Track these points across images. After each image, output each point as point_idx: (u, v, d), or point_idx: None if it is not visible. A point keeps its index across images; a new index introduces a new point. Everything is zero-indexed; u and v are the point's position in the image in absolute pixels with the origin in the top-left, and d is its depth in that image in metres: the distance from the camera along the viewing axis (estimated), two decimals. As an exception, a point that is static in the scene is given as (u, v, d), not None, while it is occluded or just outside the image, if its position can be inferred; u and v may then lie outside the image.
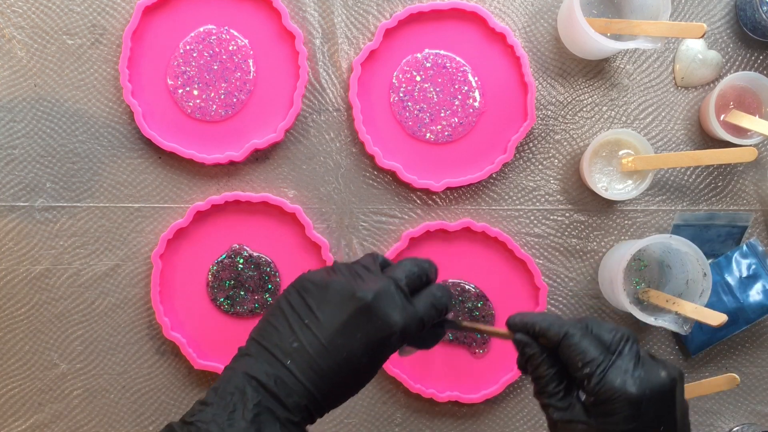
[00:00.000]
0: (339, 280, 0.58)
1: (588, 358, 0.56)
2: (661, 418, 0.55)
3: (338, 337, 0.56)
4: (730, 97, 0.88)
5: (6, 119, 0.88)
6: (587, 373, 0.55)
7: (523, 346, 0.59)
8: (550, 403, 0.57)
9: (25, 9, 0.88)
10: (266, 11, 0.88)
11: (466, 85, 0.89)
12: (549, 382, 0.57)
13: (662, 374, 0.56)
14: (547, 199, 0.90)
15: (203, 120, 0.88)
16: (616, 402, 0.54)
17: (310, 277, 0.59)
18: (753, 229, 0.91)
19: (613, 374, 0.55)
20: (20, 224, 0.88)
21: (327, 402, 0.57)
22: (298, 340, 0.57)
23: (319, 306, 0.58)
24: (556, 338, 0.57)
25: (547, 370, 0.58)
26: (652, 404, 0.55)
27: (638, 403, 0.54)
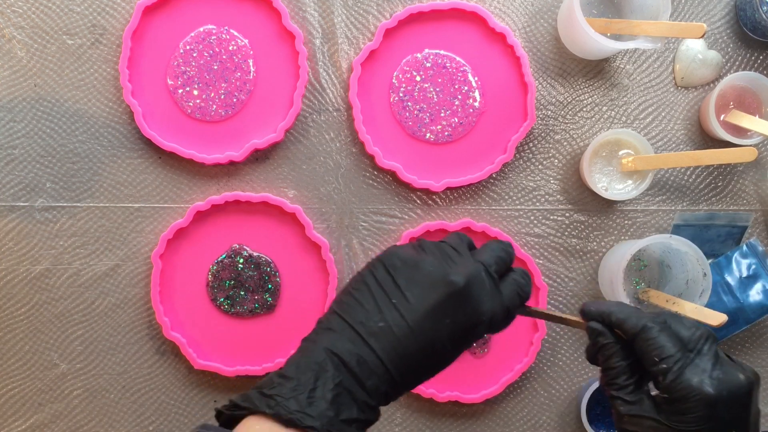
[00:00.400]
0: (430, 261, 0.56)
1: (665, 354, 0.54)
2: (734, 422, 0.54)
3: (426, 321, 0.54)
4: (730, 97, 0.88)
5: (6, 119, 0.88)
6: (663, 369, 0.54)
7: (597, 335, 0.57)
8: (619, 395, 0.55)
9: (25, 9, 0.88)
10: (266, 11, 0.88)
11: (466, 85, 0.89)
12: (620, 374, 0.56)
13: (740, 377, 0.54)
14: (547, 199, 0.90)
15: (203, 120, 0.88)
16: (690, 401, 0.53)
17: (400, 254, 0.57)
18: (753, 229, 0.91)
19: (691, 372, 0.53)
20: (20, 224, 0.88)
21: (404, 385, 0.56)
22: (384, 319, 0.54)
23: (408, 286, 0.55)
24: (633, 330, 0.56)
25: (619, 362, 0.56)
26: (728, 406, 0.53)
27: (714, 404, 0.52)
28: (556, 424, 0.90)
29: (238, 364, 0.88)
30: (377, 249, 0.89)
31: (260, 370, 0.87)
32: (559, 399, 0.90)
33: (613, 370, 0.56)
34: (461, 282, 0.55)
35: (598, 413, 0.88)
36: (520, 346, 0.89)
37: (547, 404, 0.90)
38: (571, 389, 0.91)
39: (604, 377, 0.57)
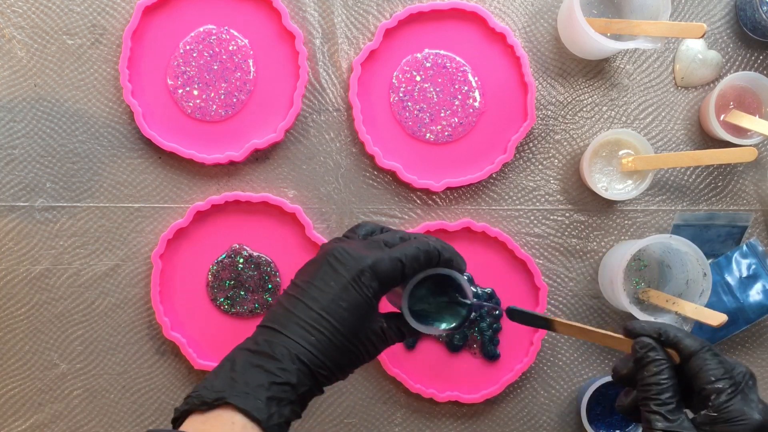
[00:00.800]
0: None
1: (721, 376, 0.56)
2: None
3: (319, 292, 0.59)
4: (730, 97, 0.88)
5: (6, 119, 0.88)
6: (719, 389, 0.56)
7: (649, 349, 0.58)
8: (661, 411, 0.56)
9: (25, 9, 0.88)
10: (266, 11, 0.88)
11: (466, 85, 0.89)
12: (665, 390, 0.56)
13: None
14: (547, 199, 0.90)
15: (203, 120, 0.88)
16: (738, 423, 0.55)
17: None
18: (753, 229, 0.91)
19: (741, 397, 0.56)
20: (20, 224, 0.88)
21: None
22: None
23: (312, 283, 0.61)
24: (690, 350, 0.57)
25: (667, 379, 0.57)
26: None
27: (759, 430, 0.55)
28: (556, 424, 0.90)
29: (238, 364, 0.88)
30: (377, 249, 0.89)
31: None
32: (559, 399, 0.90)
33: (659, 386, 0.57)
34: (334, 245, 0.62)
35: (598, 413, 0.88)
36: (520, 346, 0.89)
37: (547, 404, 0.90)
38: (571, 389, 0.91)
39: (645, 393, 0.58)
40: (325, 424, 0.89)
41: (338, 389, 0.89)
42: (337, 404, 0.89)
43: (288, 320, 0.59)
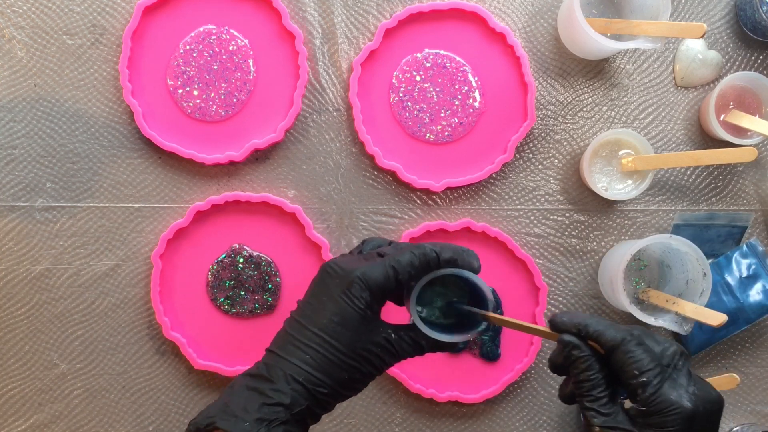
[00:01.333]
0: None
1: (644, 368, 0.55)
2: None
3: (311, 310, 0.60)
4: (730, 97, 0.88)
5: (6, 119, 0.88)
6: (643, 382, 0.54)
7: (572, 347, 0.57)
8: (594, 407, 0.55)
9: (25, 9, 0.88)
10: (266, 11, 0.88)
11: (466, 85, 0.89)
12: (595, 386, 0.56)
13: (713, 393, 0.56)
14: (547, 199, 0.90)
15: (203, 120, 0.88)
16: (669, 414, 0.53)
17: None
18: (753, 229, 0.91)
19: (669, 386, 0.54)
20: (20, 224, 0.88)
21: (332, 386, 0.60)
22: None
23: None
24: (612, 343, 0.56)
25: (595, 375, 0.56)
26: (702, 422, 0.54)
27: (692, 418, 0.53)
28: (556, 424, 0.90)
29: (238, 364, 0.88)
30: (377, 249, 0.89)
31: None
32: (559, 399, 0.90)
33: (589, 383, 0.56)
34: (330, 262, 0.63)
35: (598, 413, 0.88)
36: (520, 346, 0.89)
37: (547, 404, 0.90)
38: (571, 389, 0.90)
39: (577, 390, 0.57)
40: (325, 424, 0.89)
41: (338, 389, 0.89)
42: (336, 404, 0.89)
43: (286, 342, 0.59)
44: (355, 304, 0.58)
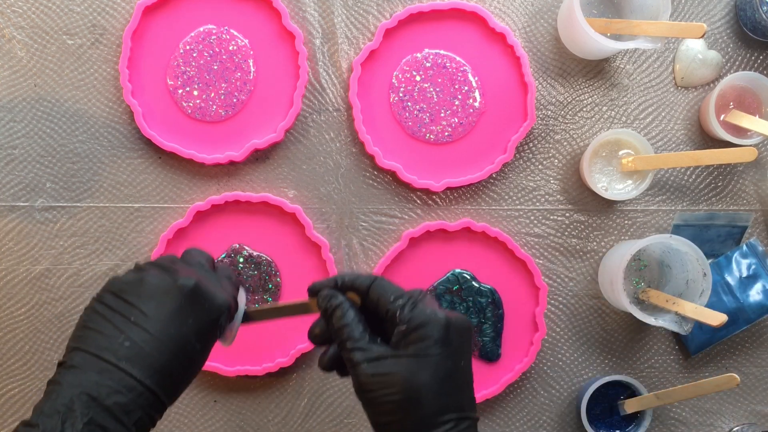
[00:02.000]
0: (153, 274, 0.57)
1: (399, 293, 0.59)
2: (464, 352, 0.58)
3: (170, 328, 0.55)
4: (730, 97, 0.88)
5: (6, 119, 0.88)
6: (401, 304, 0.58)
7: (330, 298, 0.60)
8: (356, 346, 0.57)
9: (25, 9, 0.88)
10: (266, 11, 0.88)
11: (466, 85, 0.89)
12: (354, 327, 0.58)
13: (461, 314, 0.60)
14: (547, 199, 0.90)
15: (203, 120, 0.88)
16: (427, 326, 0.56)
17: (121, 278, 0.58)
18: (753, 229, 0.91)
19: (423, 305, 0.58)
20: (20, 224, 0.88)
21: (168, 398, 0.56)
22: (129, 339, 0.54)
23: (141, 301, 0.56)
24: (367, 282, 0.60)
25: (353, 317, 0.59)
26: (457, 334, 0.58)
27: (447, 327, 0.57)
28: (556, 424, 0.90)
29: (238, 364, 0.88)
30: (377, 249, 0.89)
31: (260, 370, 0.87)
32: (559, 399, 0.90)
33: (348, 327, 0.58)
34: (191, 283, 0.57)
35: (598, 413, 0.88)
36: (520, 346, 0.89)
37: (547, 404, 0.90)
38: (571, 389, 0.91)
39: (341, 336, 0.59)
40: (325, 424, 0.89)
41: (338, 389, 0.89)
42: (337, 404, 0.89)
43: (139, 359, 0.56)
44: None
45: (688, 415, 0.91)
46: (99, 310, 0.56)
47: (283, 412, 0.89)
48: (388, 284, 0.60)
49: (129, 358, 0.54)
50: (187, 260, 0.62)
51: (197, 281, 0.57)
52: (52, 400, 0.53)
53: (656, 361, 0.91)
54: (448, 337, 0.57)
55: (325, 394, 0.89)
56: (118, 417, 0.53)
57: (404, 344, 0.57)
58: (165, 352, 0.55)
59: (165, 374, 0.55)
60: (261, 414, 0.89)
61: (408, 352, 0.56)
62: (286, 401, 0.89)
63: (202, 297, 0.57)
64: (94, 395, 0.52)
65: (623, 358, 0.90)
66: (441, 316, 0.57)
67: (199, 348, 0.57)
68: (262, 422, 0.89)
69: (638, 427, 0.87)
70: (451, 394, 0.57)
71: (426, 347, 0.56)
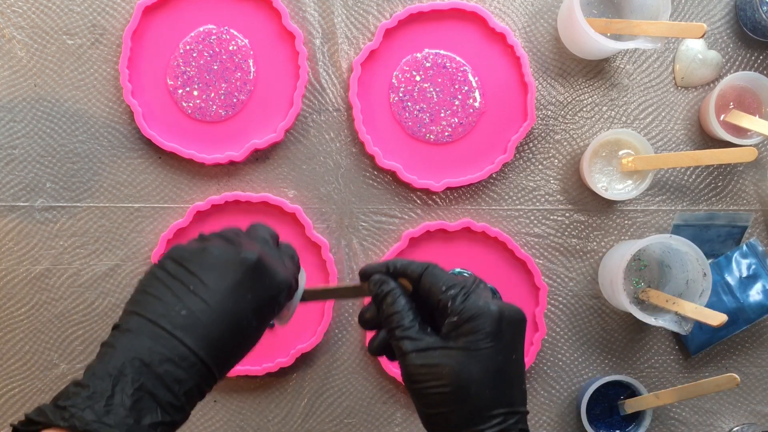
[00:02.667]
0: (217, 245, 0.56)
1: (451, 283, 0.58)
2: (516, 346, 0.58)
3: (229, 301, 0.54)
4: (730, 97, 0.88)
5: (6, 119, 0.88)
6: (452, 294, 0.57)
7: (381, 284, 0.59)
8: (405, 335, 0.57)
9: (25, 9, 0.88)
10: (266, 11, 0.88)
11: (466, 85, 0.89)
12: (405, 315, 0.57)
13: (516, 306, 0.59)
14: (547, 199, 0.90)
15: (203, 120, 0.88)
16: (479, 318, 0.56)
17: (185, 246, 0.57)
18: (753, 229, 0.91)
19: (475, 296, 0.57)
20: (20, 224, 0.88)
21: (220, 371, 0.55)
22: (186, 307, 0.53)
23: (202, 271, 0.54)
24: (419, 270, 0.59)
25: (404, 305, 0.58)
26: (510, 327, 0.57)
27: (499, 320, 0.56)
28: (556, 424, 0.90)
29: (238, 364, 0.88)
30: (377, 249, 0.89)
31: (260, 370, 0.87)
32: (559, 399, 0.90)
33: (398, 314, 0.58)
34: (254, 257, 0.56)
35: (598, 413, 0.88)
36: (520, 346, 0.89)
37: (547, 404, 0.90)
38: (571, 389, 0.91)
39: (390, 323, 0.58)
40: (325, 424, 0.89)
41: (338, 389, 0.89)
42: (337, 404, 0.89)
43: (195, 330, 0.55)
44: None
45: (688, 415, 0.91)
46: (159, 276, 0.55)
47: (283, 412, 0.89)
48: (441, 272, 0.59)
49: (184, 327, 0.53)
50: (252, 235, 0.60)
51: (260, 256, 0.56)
52: (104, 362, 0.51)
53: (656, 361, 0.91)
54: (500, 330, 0.56)
55: (325, 394, 0.89)
56: (168, 385, 0.51)
57: (455, 336, 0.56)
58: (221, 325, 0.54)
59: (218, 347, 0.54)
60: (261, 414, 0.89)
61: (458, 344, 0.55)
62: (286, 401, 0.89)
63: (264, 273, 0.56)
64: (147, 361, 0.51)
65: (623, 358, 0.90)
66: (494, 308, 0.56)
67: (256, 324, 0.56)
68: (262, 422, 0.89)
69: (638, 427, 0.87)
70: (501, 389, 0.56)
71: (477, 340, 0.55)
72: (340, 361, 0.89)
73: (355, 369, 0.89)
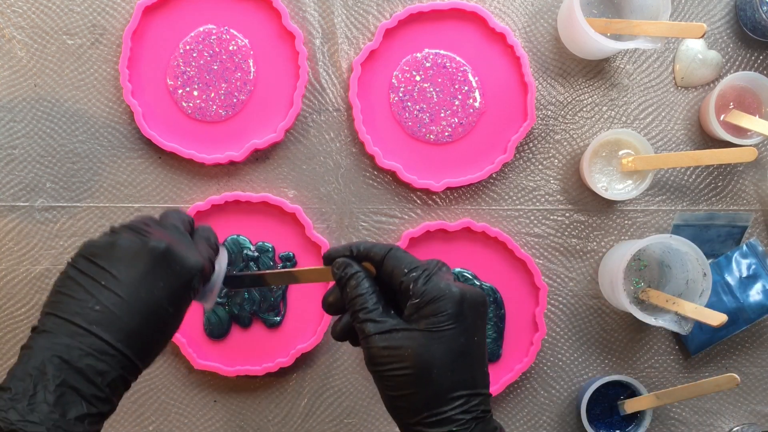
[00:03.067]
0: (126, 237, 0.57)
1: (413, 265, 0.58)
2: (478, 328, 0.58)
3: (141, 291, 0.55)
4: (730, 97, 0.88)
5: (6, 119, 0.88)
6: (414, 276, 0.57)
7: (345, 266, 0.59)
8: (369, 317, 0.57)
9: (25, 9, 0.88)
10: (266, 11, 0.88)
11: (466, 85, 0.89)
12: (368, 299, 0.58)
13: (477, 289, 0.59)
14: (547, 199, 0.90)
15: (203, 120, 0.88)
16: (441, 300, 0.56)
17: (94, 242, 0.58)
18: (753, 229, 0.91)
19: (437, 278, 0.57)
20: (20, 224, 0.88)
21: (142, 361, 0.56)
22: (99, 303, 0.54)
23: (112, 265, 0.56)
24: (382, 252, 0.59)
25: (367, 287, 0.58)
26: (472, 309, 0.57)
27: (461, 302, 0.56)
28: (556, 424, 0.90)
29: (238, 364, 0.88)
30: (377, 249, 0.89)
31: (260, 370, 0.87)
32: (559, 399, 0.90)
33: (362, 297, 0.58)
34: (162, 245, 0.57)
35: (598, 413, 0.88)
36: (520, 346, 0.89)
37: (547, 404, 0.90)
38: (571, 389, 0.91)
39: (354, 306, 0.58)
40: (325, 424, 0.89)
41: (338, 389, 0.89)
42: (337, 404, 0.89)
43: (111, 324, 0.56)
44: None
45: (688, 415, 0.91)
46: (71, 275, 0.56)
47: (283, 412, 0.89)
48: (403, 255, 0.59)
49: (100, 322, 0.54)
50: (163, 222, 0.61)
51: (168, 244, 0.57)
52: (24, 363, 0.53)
53: (656, 361, 0.91)
54: (462, 312, 0.56)
55: (325, 394, 0.89)
56: (90, 378, 0.53)
57: (417, 318, 0.56)
58: (136, 315, 0.55)
59: (136, 337, 0.55)
60: (261, 414, 0.89)
61: (421, 326, 0.56)
62: (286, 401, 0.89)
63: (173, 260, 0.57)
64: (66, 358, 0.52)
65: (623, 358, 0.90)
66: (455, 290, 0.56)
67: (172, 311, 0.57)
68: (262, 422, 0.89)
69: (638, 427, 0.88)
70: (463, 371, 0.56)
71: (439, 322, 0.56)
72: (340, 361, 0.89)
73: (355, 369, 0.89)
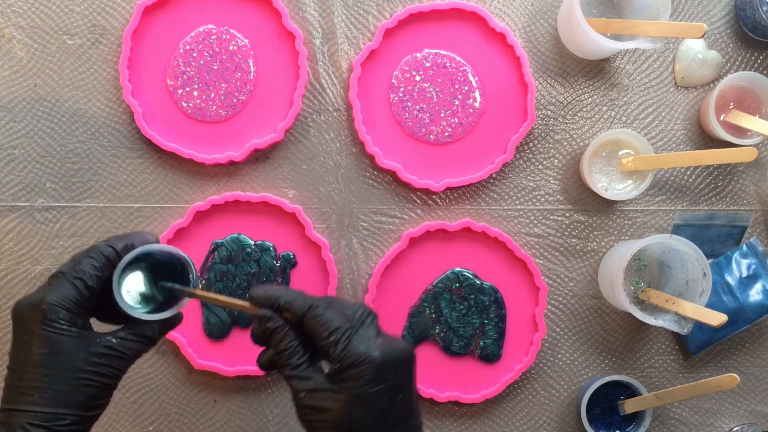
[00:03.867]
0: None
1: (333, 327, 0.58)
2: (402, 386, 0.58)
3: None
4: (730, 97, 0.88)
5: (6, 119, 0.88)
6: (333, 341, 0.57)
7: (267, 320, 0.59)
8: (294, 374, 0.58)
9: (25, 9, 0.88)
10: (266, 11, 0.88)
11: (466, 85, 0.89)
12: (292, 354, 0.58)
13: (401, 344, 0.59)
14: (547, 199, 0.90)
15: (203, 120, 0.88)
16: (360, 366, 0.56)
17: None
18: (753, 229, 0.91)
19: (357, 341, 0.57)
20: (20, 224, 0.88)
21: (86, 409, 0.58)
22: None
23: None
24: (301, 311, 0.59)
25: (290, 343, 0.59)
26: (394, 370, 0.57)
27: (381, 366, 0.56)
28: (556, 424, 0.90)
29: (238, 364, 0.88)
30: (377, 249, 0.89)
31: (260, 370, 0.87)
32: (559, 399, 0.90)
33: (286, 352, 0.59)
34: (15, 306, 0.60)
35: (598, 413, 0.88)
36: (520, 346, 0.89)
37: (547, 404, 0.90)
38: (571, 389, 0.91)
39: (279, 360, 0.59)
40: (325, 424, 0.89)
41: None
42: (337, 404, 0.89)
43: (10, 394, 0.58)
44: (56, 329, 0.58)
45: (688, 415, 0.91)
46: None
47: (283, 412, 0.89)
48: (323, 313, 0.58)
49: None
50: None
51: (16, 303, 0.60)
52: None
53: (656, 361, 0.91)
54: (382, 375, 0.57)
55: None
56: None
57: (339, 380, 0.57)
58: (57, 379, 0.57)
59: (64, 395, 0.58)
60: (261, 414, 0.89)
61: (343, 388, 0.57)
62: (286, 401, 0.89)
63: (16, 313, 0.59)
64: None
65: (623, 358, 0.90)
66: (375, 354, 0.57)
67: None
68: (262, 422, 0.89)
69: (638, 427, 0.88)
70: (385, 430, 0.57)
71: (359, 386, 0.56)
72: (340, 361, 0.89)
73: (355, 369, 0.89)
